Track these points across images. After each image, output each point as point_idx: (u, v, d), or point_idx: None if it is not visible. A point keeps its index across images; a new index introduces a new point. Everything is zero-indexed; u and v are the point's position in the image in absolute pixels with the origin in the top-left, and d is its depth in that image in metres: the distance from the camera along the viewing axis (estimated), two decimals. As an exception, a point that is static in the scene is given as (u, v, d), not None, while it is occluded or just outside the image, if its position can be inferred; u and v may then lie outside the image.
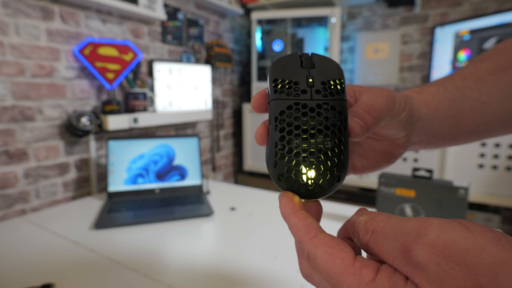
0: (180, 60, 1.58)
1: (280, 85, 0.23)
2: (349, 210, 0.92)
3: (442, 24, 1.73)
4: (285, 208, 0.21)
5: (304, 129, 0.21)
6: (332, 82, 0.23)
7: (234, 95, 2.04)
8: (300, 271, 0.22)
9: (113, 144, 1.01)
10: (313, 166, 0.21)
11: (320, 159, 0.21)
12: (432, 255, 0.15)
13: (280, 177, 0.22)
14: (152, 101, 1.37)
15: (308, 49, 1.92)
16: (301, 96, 0.22)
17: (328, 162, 0.22)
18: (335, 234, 0.23)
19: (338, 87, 0.23)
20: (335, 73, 0.23)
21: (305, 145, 0.21)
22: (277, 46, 1.93)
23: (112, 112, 1.15)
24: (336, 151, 0.22)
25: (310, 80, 0.22)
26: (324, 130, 0.21)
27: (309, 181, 0.22)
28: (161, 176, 1.04)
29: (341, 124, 0.22)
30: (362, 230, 0.19)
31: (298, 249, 0.22)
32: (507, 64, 0.30)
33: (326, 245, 0.19)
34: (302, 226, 0.20)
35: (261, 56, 1.95)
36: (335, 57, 1.86)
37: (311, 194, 0.22)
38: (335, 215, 0.88)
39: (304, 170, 0.22)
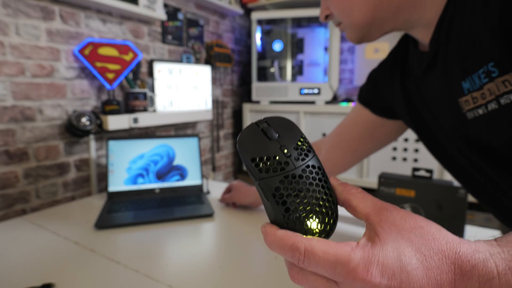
0: (180, 60, 1.58)
1: (261, 164, 0.25)
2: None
3: (442, 24, 1.72)
4: (270, 237, 0.25)
5: (302, 195, 0.24)
6: (299, 144, 0.26)
7: (234, 95, 2.04)
8: (292, 279, 0.25)
9: (113, 144, 1.01)
10: (319, 221, 0.25)
11: (322, 212, 0.25)
12: None
13: None
14: (152, 101, 1.37)
15: (308, 49, 1.92)
16: (286, 168, 0.25)
17: (329, 211, 0.25)
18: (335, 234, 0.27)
19: (305, 145, 0.27)
20: (295, 132, 0.27)
21: (309, 207, 0.24)
22: (277, 46, 1.93)
23: (112, 112, 1.15)
24: (330, 197, 0.26)
25: (286, 151, 0.25)
26: (316, 188, 0.25)
27: (319, 233, 0.25)
28: (161, 176, 1.04)
29: (323, 175, 0.26)
30: None
31: (288, 262, 0.25)
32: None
33: (317, 238, 0.24)
34: (289, 234, 0.24)
35: (261, 56, 1.95)
36: (335, 57, 1.86)
37: None
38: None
39: (313, 226, 0.25)
